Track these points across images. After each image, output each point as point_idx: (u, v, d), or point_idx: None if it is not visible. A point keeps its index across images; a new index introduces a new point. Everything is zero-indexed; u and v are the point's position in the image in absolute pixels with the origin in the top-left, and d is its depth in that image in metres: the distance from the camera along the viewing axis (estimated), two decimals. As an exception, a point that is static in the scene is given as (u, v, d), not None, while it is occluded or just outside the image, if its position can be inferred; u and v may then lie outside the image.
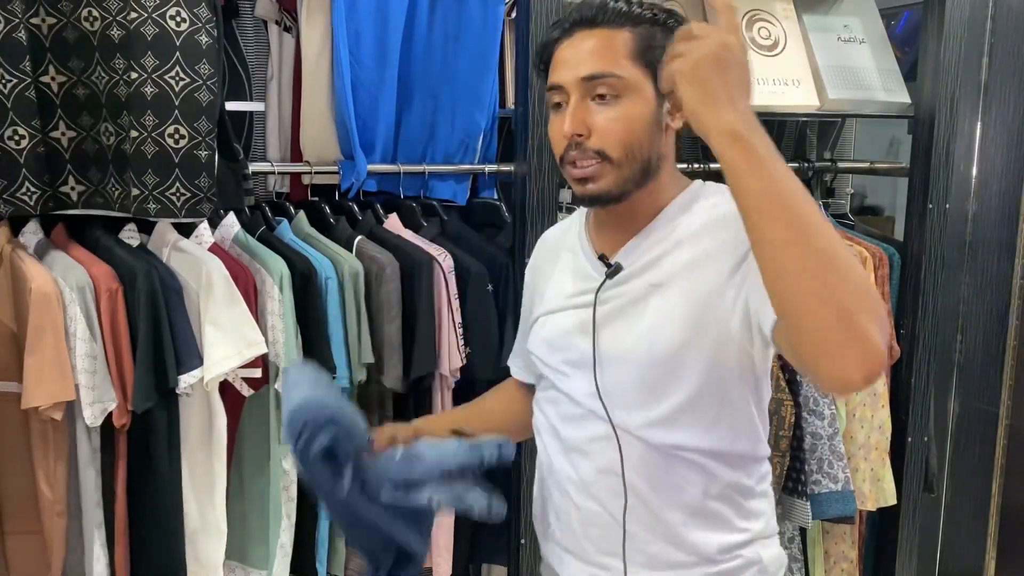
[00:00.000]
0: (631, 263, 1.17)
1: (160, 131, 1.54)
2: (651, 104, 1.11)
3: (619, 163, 1.11)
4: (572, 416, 1.21)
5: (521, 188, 1.75)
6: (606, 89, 1.10)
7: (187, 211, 1.58)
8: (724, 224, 1.09)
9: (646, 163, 1.12)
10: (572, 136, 1.10)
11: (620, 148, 1.10)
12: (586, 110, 1.10)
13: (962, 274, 2.44)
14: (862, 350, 0.86)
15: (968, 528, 2.49)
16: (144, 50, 1.51)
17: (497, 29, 1.86)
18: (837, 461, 1.87)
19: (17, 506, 1.53)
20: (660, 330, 1.12)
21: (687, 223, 1.15)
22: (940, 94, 1.94)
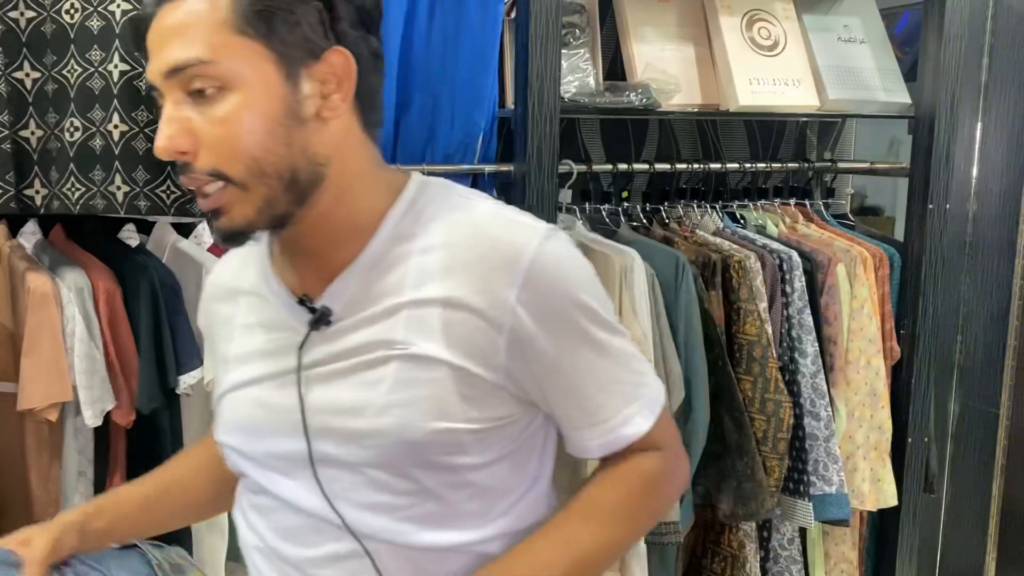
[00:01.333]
0: (347, 307, 0.87)
1: (153, 127, 1.49)
2: (276, 91, 0.81)
3: (245, 184, 0.81)
4: (294, 530, 0.91)
5: (521, 188, 1.74)
6: (202, 82, 0.79)
7: (177, 208, 1.52)
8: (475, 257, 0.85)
9: (292, 177, 0.82)
10: (171, 154, 0.81)
11: (239, 163, 0.80)
12: (185, 116, 0.80)
13: (962, 274, 2.43)
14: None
15: (968, 528, 2.49)
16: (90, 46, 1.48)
17: (497, 29, 1.86)
18: (832, 464, 1.87)
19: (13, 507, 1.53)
20: (407, 402, 0.85)
21: (423, 245, 0.87)
22: (940, 94, 1.93)
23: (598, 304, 0.90)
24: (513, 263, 0.84)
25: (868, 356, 1.93)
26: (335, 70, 0.83)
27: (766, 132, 2.37)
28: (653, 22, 1.99)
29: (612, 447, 0.94)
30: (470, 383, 0.86)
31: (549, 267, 0.86)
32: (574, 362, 0.88)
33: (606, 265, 1.74)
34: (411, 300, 0.86)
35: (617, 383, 0.92)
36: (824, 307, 1.92)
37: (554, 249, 0.87)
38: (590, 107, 1.86)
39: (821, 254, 1.92)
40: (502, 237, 0.86)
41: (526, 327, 0.85)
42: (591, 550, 0.92)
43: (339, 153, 0.86)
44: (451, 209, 0.89)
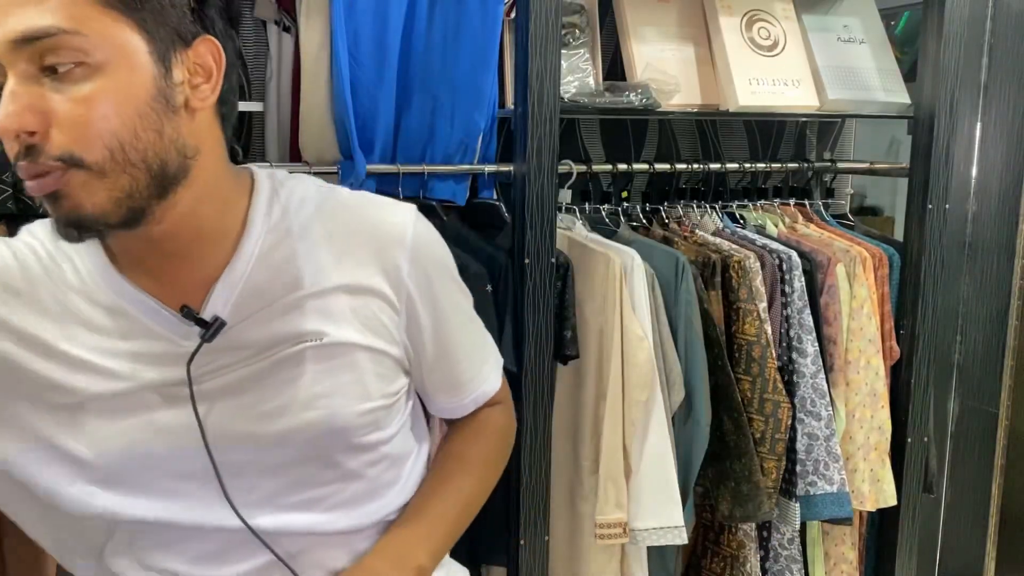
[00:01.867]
0: (236, 310, 0.83)
1: None
2: (147, 73, 0.73)
3: (103, 170, 0.72)
4: (208, 554, 0.85)
5: (520, 188, 1.75)
6: (61, 56, 0.69)
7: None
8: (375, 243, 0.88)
9: (160, 167, 0.75)
10: (14, 135, 0.70)
11: (100, 147, 0.71)
12: (35, 92, 0.70)
13: (962, 274, 2.44)
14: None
15: (968, 528, 2.49)
16: None
17: (497, 29, 1.86)
18: (833, 463, 1.87)
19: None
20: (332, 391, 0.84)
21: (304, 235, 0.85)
22: (940, 94, 1.94)
23: (456, 273, 1.00)
24: (399, 241, 0.90)
25: (868, 356, 1.93)
26: (204, 60, 0.78)
27: (766, 132, 2.37)
28: (653, 22, 1.99)
29: (476, 404, 1.06)
30: (381, 361, 0.90)
31: (426, 242, 0.93)
32: (449, 329, 0.97)
33: (606, 265, 1.74)
34: (312, 291, 0.85)
35: (476, 346, 1.04)
36: (824, 307, 1.92)
37: (425, 225, 0.95)
38: (590, 107, 1.86)
39: (821, 254, 1.92)
40: (383, 218, 0.90)
41: (415, 300, 0.92)
42: (470, 498, 1.03)
43: (204, 147, 0.80)
44: (316, 198, 0.89)
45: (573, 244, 1.84)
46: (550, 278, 1.70)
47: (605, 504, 1.70)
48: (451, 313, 0.97)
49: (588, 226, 1.93)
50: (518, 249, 1.76)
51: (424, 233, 0.94)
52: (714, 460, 1.82)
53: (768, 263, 1.86)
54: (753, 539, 1.92)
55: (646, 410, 1.72)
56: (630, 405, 1.71)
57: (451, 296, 0.98)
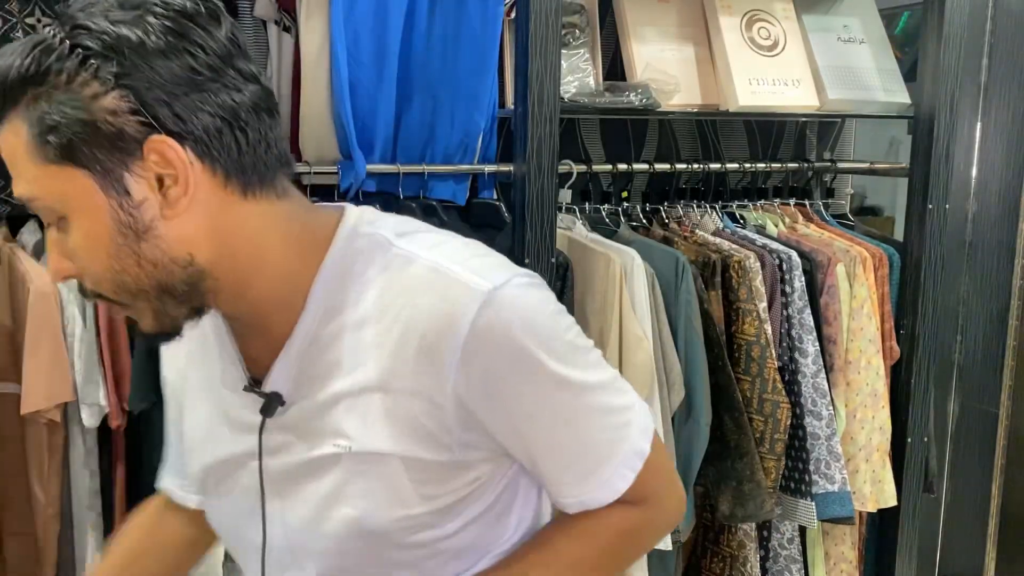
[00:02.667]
0: (295, 388, 0.81)
1: None
2: (103, 210, 0.71)
3: (123, 303, 0.76)
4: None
5: (520, 188, 1.74)
6: (45, 216, 0.74)
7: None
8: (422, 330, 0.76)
9: (164, 287, 0.75)
10: (64, 281, 0.82)
11: (108, 284, 0.74)
12: (59, 242, 0.75)
13: (962, 274, 2.44)
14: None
15: (968, 528, 2.49)
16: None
17: (497, 29, 1.86)
18: (834, 462, 1.87)
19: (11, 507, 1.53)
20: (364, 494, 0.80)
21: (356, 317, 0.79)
22: (940, 94, 1.94)
23: (560, 359, 0.79)
24: (453, 331, 0.75)
25: (868, 356, 1.93)
26: (162, 162, 0.72)
27: (766, 132, 2.37)
28: (653, 22, 1.99)
29: (587, 507, 0.87)
30: (423, 468, 0.79)
31: (489, 336, 0.75)
32: (536, 432, 0.81)
33: (606, 265, 1.74)
34: (349, 388, 0.79)
35: (590, 446, 0.83)
36: (824, 307, 1.92)
37: (495, 314, 0.75)
38: (590, 107, 1.86)
39: (821, 254, 1.92)
40: (436, 308, 0.76)
41: (474, 400, 0.77)
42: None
43: (212, 241, 0.75)
44: (383, 268, 0.79)
45: (573, 244, 1.84)
46: (550, 278, 1.70)
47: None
48: (537, 413, 0.80)
49: (588, 226, 1.93)
50: (518, 249, 1.75)
51: (491, 325, 0.75)
52: (715, 460, 1.82)
53: (768, 263, 1.86)
54: (753, 539, 1.92)
55: (646, 410, 1.72)
56: (630, 405, 1.71)
57: (533, 392, 0.79)
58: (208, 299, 0.77)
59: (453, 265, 0.77)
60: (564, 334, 0.81)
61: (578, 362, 0.81)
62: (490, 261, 0.80)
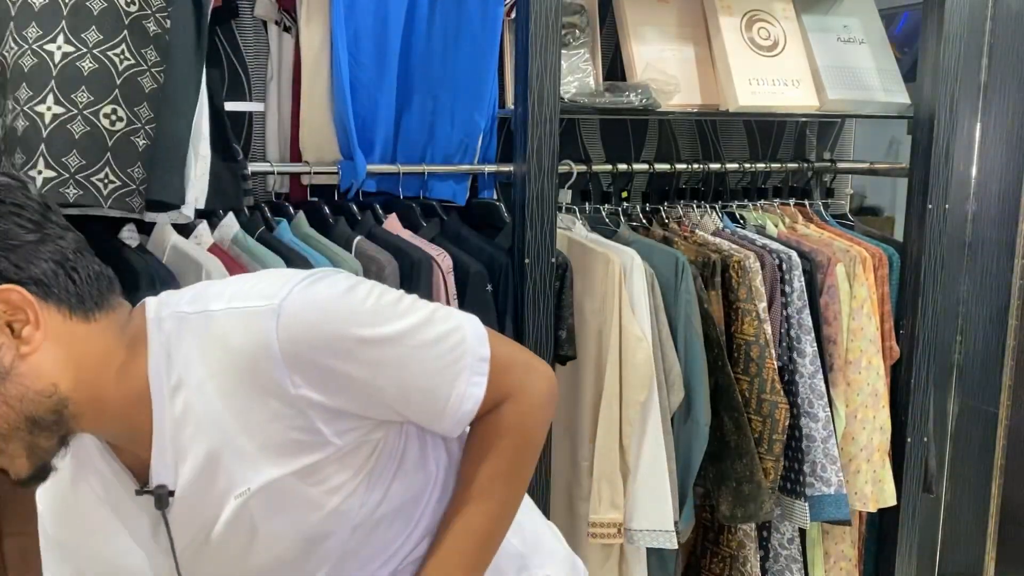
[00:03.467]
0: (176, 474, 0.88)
1: (94, 110, 1.39)
2: None
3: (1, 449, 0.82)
4: None
5: (520, 189, 1.75)
6: None
7: (114, 201, 1.42)
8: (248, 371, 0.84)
9: (31, 422, 0.81)
10: None
11: None
12: None
13: (962, 274, 2.44)
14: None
15: (968, 528, 2.50)
16: (88, 25, 1.41)
17: (497, 29, 1.86)
18: (830, 464, 1.87)
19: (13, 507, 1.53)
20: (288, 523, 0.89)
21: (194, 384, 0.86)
22: (940, 94, 1.94)
23: (365, 322, 0.87)
24: (266, 355, 0.83)
25: (868, 356, 1.94)
26: (9, 309, 0.80)
27: (766, 132, 2.37)
28: (653, 22, 2.00)
29: (464, 423, 0.96)
30: (317, 471, 0.87)
31: (296, 340, 0.84)
32: (381, 387, 0.89)
33: (605, 265, 1.74)
34: (219, 444, 0.86)
35: (435, 374, 0.92)
36: (824, 307, 1.92)
37: (290, 320, 0.84)
38: (590, 107, 1.86)
39: (820, 254, 1.92)
40: (243, 342, 0.84)
41: (316, 393, 0.85)
42: (489, 524, 0.98)
43: (69, 367, 0.83)
44: (193, 335, 0.86)
45: (573, 244, 1.84)
46: (550, 278, 1.71)
47: (599, 504, 1.71)
48: (373, 374, 0.88)
49: (588, 226, 1.93)
50: (518, 249, 1.76)
51: (292, 325, 0.84)
52: (714, 460, 1.82)
53: (768, 263, 1.86)
54: (753, 539, 1.92)
55: (643, 411, 1.72)
56: (627, 405, 1.71)
57: (363, 359, 0.87)
58: (72, 424, 0.84)
59: (240, 302, 0.86)
60: (363, 304, 0.88)
61: (389, 317, 0.89)
62: (272, 280, 0.88)
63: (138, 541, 0.93)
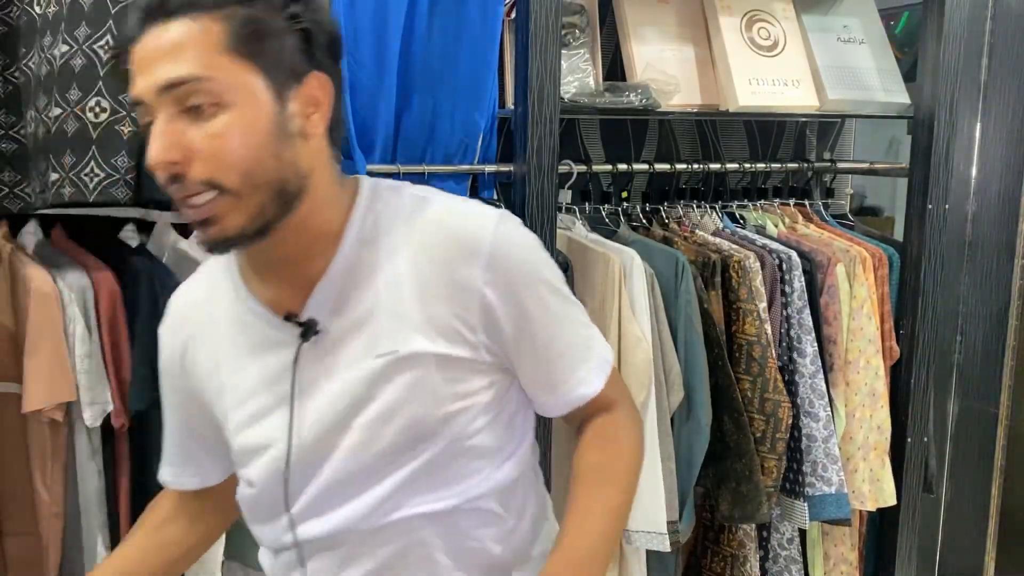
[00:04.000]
0: (330, 316, 0.94)
1: (82, 105, 1.41)
2: (268, 109, 0.87)
3: (239, 193, 0.86)
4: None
5: (520, 188, 1.75)
6: (198, 98, 0.84)
7: (99, 194, 1.41)
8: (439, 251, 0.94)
9: (281, 187, 0.88)
10: (164, 166, 0.85)
11: (235, 174, 0.85)
12: (178, 130, 0.84)
13: (962, 274, 2.44)
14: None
15: (968, 528, 2.49)
16: (79, 21, 1.42)
17: (497, 29, 1.86)
18: (831, 464, 1.87)
19: (14, 507, 1.53)
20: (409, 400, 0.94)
21: (388, 247, 0.94)
22: (940, 94, 1.94)
23: (552, 275, 0.99)
24: (474, 251, 0.93)
25: (868, 356, 1.94)
26: (315, 93, 0.91)
27: (766, 132, 2.37)
28: (653, 22, 2.00)
29: (572, 405, 1.04)
30: (454, 366, 0.94)
31: (506, 248, 0.94)
32: (535, 331, 0.97)
33: (605, 265, 1.74)
34: (388, 303, 0.93)
35: (571, 348, 1.02)
36: (824, 307, 1.92)
37: (508, 231, 0.96)
38: (590, 107, 1.86)
39: (820, 254, 1.92)
40: (460, 228, 0.95)
41: (494, 305, 0.94)
42: (620, 508, 1.05)
43: (317, 166, 0.92)
44: (407, 209, 0.96)
45: (573, 244, 1.84)
46: (550, 278, 1.70)
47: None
48: (538, 315, 0.97)
49: (588, 226, 1.93)
50: (518, 249, 1.76)
51: (505, 239, 0.95)
52: (715, 460, 1.82)
53: (768, 263, 1.86)
54: (753, 539, 1.92)
55: (642, 412, 1.72)
56: (630, 405, 1.71)
57: (539, 299, 0.97)
58: (289, 217, 0.90)
59: (462, 203, 0.99)
60: (550, 259, 1.01)
61: (561, 279, 1.02)
62: (482, 205, 0.99)
63: (261, 379, 0.97)
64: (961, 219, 2.41)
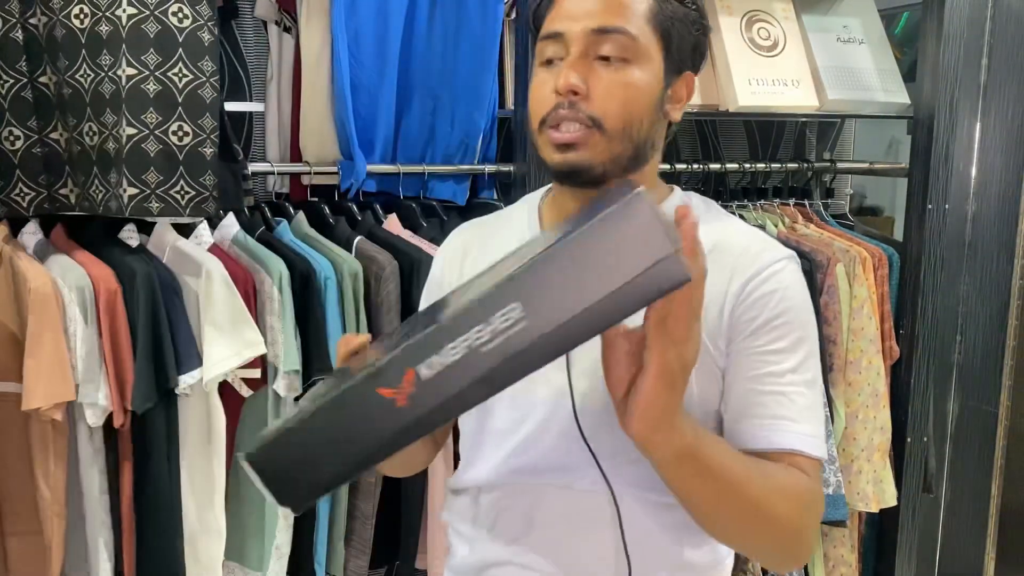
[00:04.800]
0: None
1: (163, 128, 1.54)
2: (659, 79, 0.99)
3: (612, 135, 0.96)
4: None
5: (520, 189, 1.75)
6: (614, 49, 0.96)
7: (192, 209, 1.58)
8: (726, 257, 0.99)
9: (640, 146, 0.98)
10: (568, 91, 0.95)
11: (619, 118, 0.96)
12: (588, 67, 0.96)
13: (962, 274, 2.44)
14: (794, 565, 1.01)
15: (968, 528, 2.49)
16: (147, 47, 1.52)
17: (497, 29, 1.86)
18: (829, 465, 1.86)
19: (16, 507, 1.53)
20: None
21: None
22: (939, 94, 1.94)
23: (806, 335, 0.99)
24: (758, 267, 0.98)
25: (868, 356, 1.93)
26: (684, 89, 1.03)
27: (765, 132, 2.37)
28: (653, 22, 1.99)
29: (773, 443, 0.97)
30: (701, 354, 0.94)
31: (782, 284, 0.98)
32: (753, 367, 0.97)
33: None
34: None
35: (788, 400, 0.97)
36: (824, 307, 1.92)
37: (795, 276, 1.00)
38: (590, 107, 1.86)
39: (820, 254, 1.92)
40: (757, 247, 1.01)
41: (734, 321, 0.97)
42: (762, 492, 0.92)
43: (659, 147, 1.04)
44: (714, 214, 1.06)
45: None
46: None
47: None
48: (773, 354, 0.97)
49: (588, 226, 1.93)
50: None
51: (787, 277, 0.98)
52: (714, 460, 1.82)
53: (768, 263, 1.86)
54: (753, 539, 1.92)
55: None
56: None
57: (782, 340, 0.97)
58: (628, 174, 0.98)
59: (763, 234, 1.06)
60: (813, 324, 1.01)
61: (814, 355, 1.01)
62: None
63: None
64: (961, 219, 2.41)
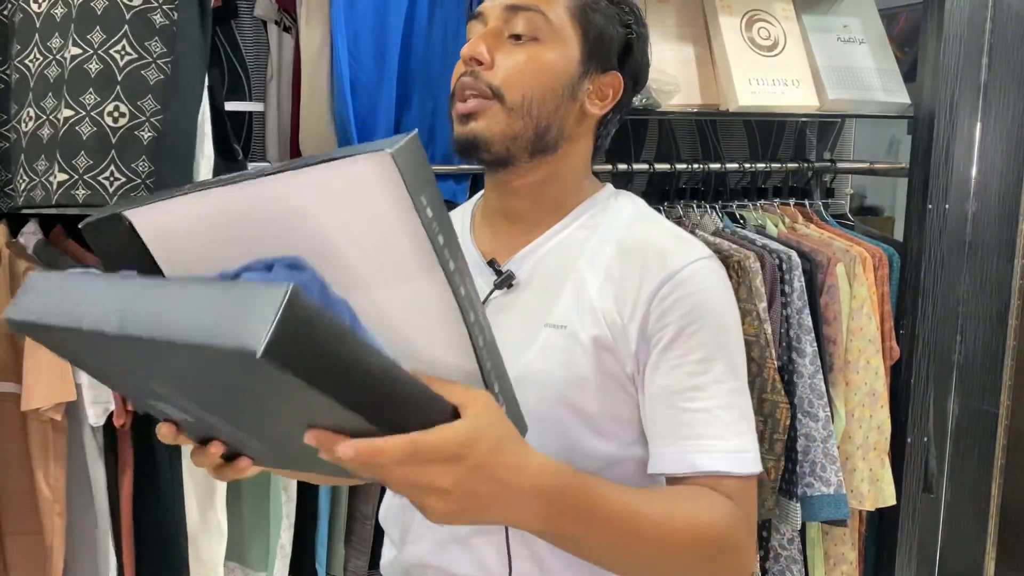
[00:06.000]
0: (527, 275, 1.02)
1: (99, 109, 1.42)
2: (571, 64, 1.00)
3: (511, 107, 0.97)
4: None
5: (520, 188, 1.75)
6: (526, 27, 0.98)
7: (120, 197, 1.43)
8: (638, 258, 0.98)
9: (543, 128, 0.99)
10: (471, 59, 0.98)
11: (518, 91, 0.97)
12: (498, 42, 0.99)
13: (962, 274, 2.44)
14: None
15: (968, 528, 2.49)
16: (93, 25, 1.42)
17: (496, 29, 1.86)
18: (830, 464, 1.87)
19: (17, 507, 1.53)
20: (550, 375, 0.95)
21: (602, 237, 1.01)
22: (940, 94, 1.94)
23: (727, 339, 0.96)
24: (669, 271, 0.95)
25: (868, 356, 1.94)
26: (610, 88, 1.04)
27: (766, 132, 2.37)
28: (653, 22, 1.99)
29: (686, 464, 0.92)
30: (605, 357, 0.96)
31: (698, 286, 0.95)
32: (677, 376, 0.94)
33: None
34: (576, 282, 0.99)
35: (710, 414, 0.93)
36: (824, 307, 1.92)
37: (710, 274, 0.97)
38: (590, 107, 1.86)
39: (820, 254, 1.92)
40: (668, 248, 0.98)
41: (654, 328, 0.94)
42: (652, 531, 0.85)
43: (576, 140, 1.03)
44: (634, 216, 1.04)
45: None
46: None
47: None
48: (691, 365, 0.92)
49: (588, 226, 1.93)
50: (518, 249, 1.75)
51: (701, 279, 0.95)
52: (714, 460, 1.82)
53: (768, 263, 1.86)
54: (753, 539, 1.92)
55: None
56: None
57: (700, 349, 0.93)
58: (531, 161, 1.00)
59: (684, 235, 1.03)
60: (737, 329, 0.99)
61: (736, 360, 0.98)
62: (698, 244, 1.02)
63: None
64: (961, 219, 2.41)
